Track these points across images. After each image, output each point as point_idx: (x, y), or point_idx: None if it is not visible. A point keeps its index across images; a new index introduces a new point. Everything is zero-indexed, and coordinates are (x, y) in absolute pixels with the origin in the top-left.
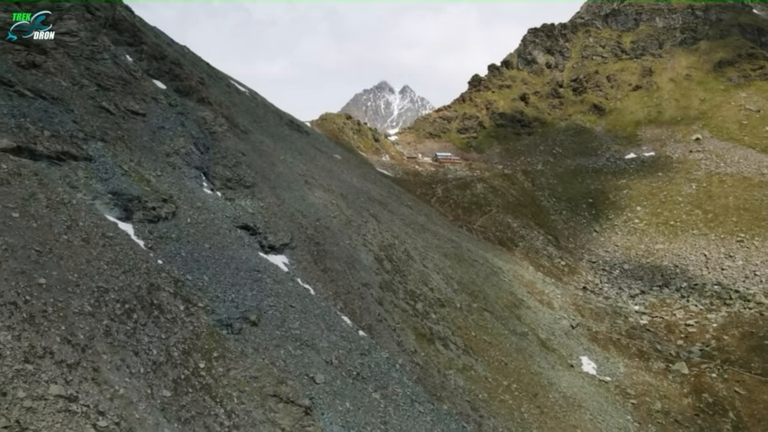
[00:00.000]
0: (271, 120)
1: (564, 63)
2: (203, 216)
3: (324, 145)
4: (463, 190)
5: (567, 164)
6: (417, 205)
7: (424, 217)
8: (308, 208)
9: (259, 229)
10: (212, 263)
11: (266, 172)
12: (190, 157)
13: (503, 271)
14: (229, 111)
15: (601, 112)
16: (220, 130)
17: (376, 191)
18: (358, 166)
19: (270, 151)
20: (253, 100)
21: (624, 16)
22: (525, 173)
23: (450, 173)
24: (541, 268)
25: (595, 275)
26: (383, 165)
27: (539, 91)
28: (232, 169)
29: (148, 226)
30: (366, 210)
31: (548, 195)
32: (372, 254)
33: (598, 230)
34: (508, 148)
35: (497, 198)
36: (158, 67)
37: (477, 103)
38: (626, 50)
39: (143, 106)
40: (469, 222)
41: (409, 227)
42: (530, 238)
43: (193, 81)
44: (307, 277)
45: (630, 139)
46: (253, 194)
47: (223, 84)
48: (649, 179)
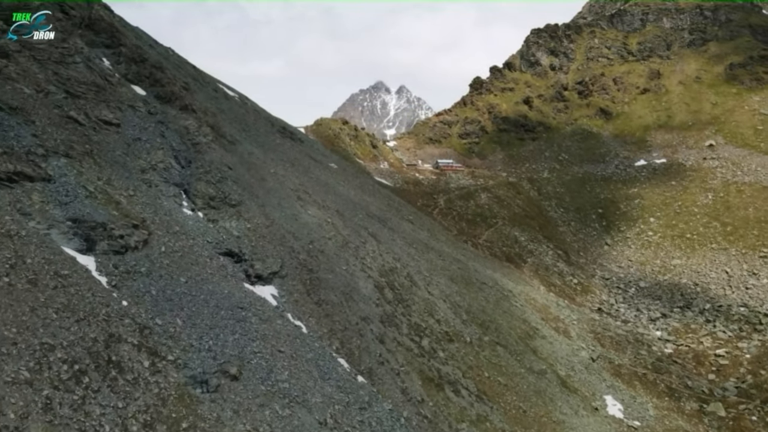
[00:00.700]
0: (261, 127)
1: (568, 65)
2: (181, 243)
3: (319, 154)
4: (467, 201)
5: (574, 171)
6: (418, 218)
7: (426, 233)
8: (301, 229)
9: (245, 256)
10: (188, 301)
11: (255, 188)
12: (168, 173)
13: (514, 294)
14: (215, 119)
15: (608, 116)
16: (205, 140)
17: (374, 205)
18: (355, 176)
19: (259, 164)
20: (242, 106)
21: (630, 17)
22: (530, 181)
23: (452, 182)
24: (552, 287)
25: (609, 294)
26: (382, 173)
27: (543, 94)
28: (217, 185)
29: (113, 259)
30: (364, 228)
31: (555, 205)
32: (372, 281)
33: (609, 243)
34: (511, 154)
35: (503, 209)
36: (137, 72)
37: (479, 107)
38: (633, 52)
39: (118, 115)
40: (474, 236)
41: (412, 247)
42: (539, 253)
43: (176, 86)
44: (299, 312)
45: (639, 144)
46: (239, 214)
47: (210, 88)
48: (661, 188)
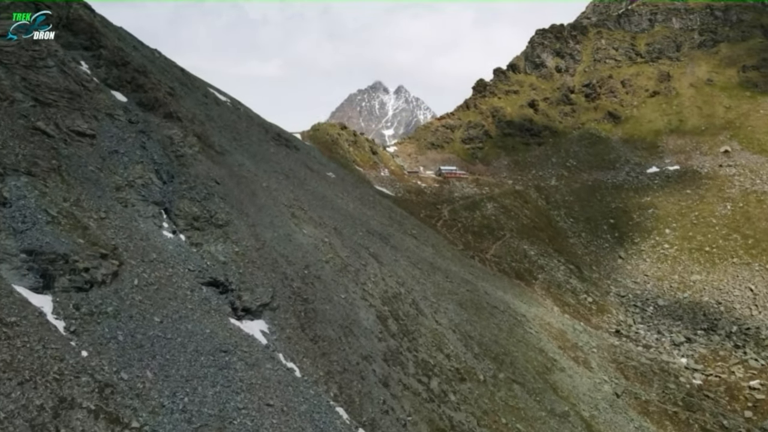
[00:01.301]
0: (254, 135)
1: (575, 67)
2: (157, 273)
3: (316, 162)
4: (472, 212)
5: (583, 179)
6: (422, 232)
7: (431, 250)
8: (295, 251)
9: (232, 285)
10: (162, 347)
11: (244, 205)
12: (148, 190)
13: (528, 319)
14: (202, 127)
15: (617, 120)
16: (190, 152)
17: (375, 219)
18: (354, 186)
19: (251, 177)
20: (234, 111)
21: (638, 17)
22: (538, 189)
23: (456, 190)
24: (566, 307)
25: (626, 313)
26: (382, 181)
27: (549, 97)
28: (202, 203)
29: (74, 298)
30: (365, 248)
31: (565, 215)
32: (374, 311)
33: (623, 257)
34: (516, 159)
35: (510, 220)
36: (118, 76)
37: (482, 110)
38: (641, 53)
39: (93, 125)
40: (481, 251)
41: (417, 267)
42: (550, 269)
43: (161, 92)
44: (292, 352)
45: (651, 150)
46: (226, 236)
47: (199, 93)
48: (676, 197)
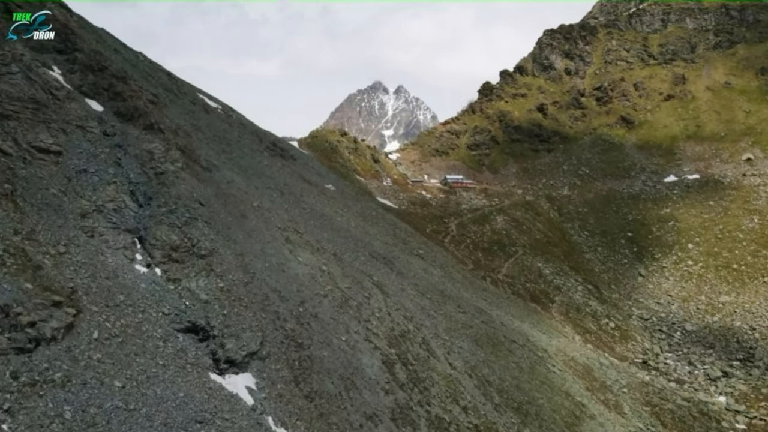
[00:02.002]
0: (247, 145)
1: (585, 69)
2: (124, 320)
3: (314, 173)
4: (481, 225)
5: (597, 188)
6: (429, 251)
7: (440, 272)
8: (289, 284)
9: (214, 330)
10: (121, 423)
11: (232, 230)
12: (120, 215)
13: (549, 354)
14: (188, 140)
15: (630, 124)
16: (172, 168)
17: (379, 239)
18: (355, 200)
19: (240, 196)
20: (226, 119)
21: (649, 17)
22: (549, 200)
23: (464, 202)
24: (587, 334)
25: (651, 340)
26: (385, 192)
27: (558, 101)
28: (183, 229)
29: (13, 363)
30: (368, 276)
31: (579, 228)
32: (379, 355)
33: (643, 274)
34: (525, 167)
35: (522, 235)
36: (94, 83)
37: (488, 115)
38: (654, 54)
39: (61, 140)
40: (493, 270)
41: (425, 297)
42: (567, 289)
43: (141, 100)
44: (284, 414)
45: (667, 157)
46: (209, 268)
47: (187, 100)
48: (698, 209)
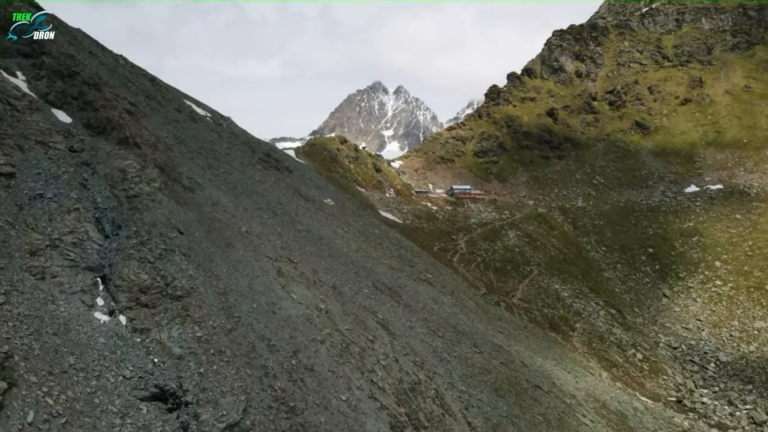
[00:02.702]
0: (237, 158)
1: (596, 71)
2: (71, 392)
3: (312, 187)
4: (492, 242)
5: (613, 199)
6: (438, 274)
7: (451, 300)
8: (280, 330)
9: (187, 395)
10: None
11: (215, 263)
12: (81, 250)
13: (578, 401)
14: (168, 154)
15: (645, 130)
16: (148, 189)
17: (383, 263)
18: (356, 216)
19: (227, 220)
20: (215, 129)
21: (663, 17)
22: (563, 212)
23: (472, 215)
24: (614, 369)
25: (683, 373)
26: (387, 205)
27: (569, 105)
28: (156, 264)
29: None
30: (372, 313)
31: (596, 243)
32: (386, 417)
33: (668, 295)
34: (536, 175)
35: (536, 252)
36: (63, 90)
37: (496, 120)
38: (668, 56)
39: (15, 159)
40: (507, 293)
41: (437, 335)
42: (588, 314)
43: (117, 110)
44: None
45: (687, 166)
46: (185, 313)
47: (171, 108)
48: (724, 222)
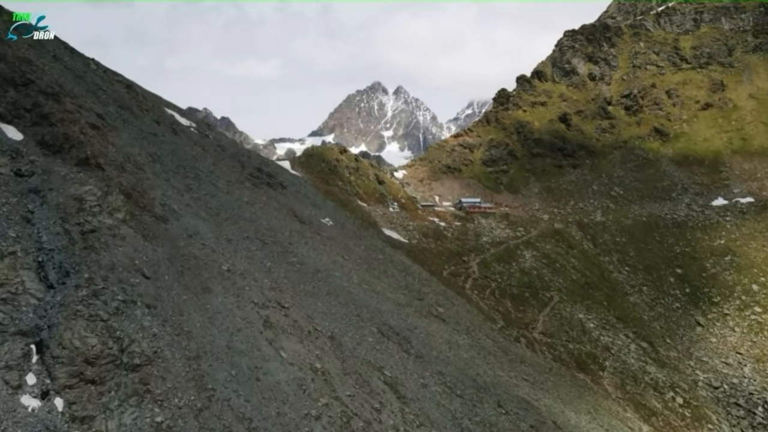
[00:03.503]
0: (224, 175)
1: (611, 74)
2: None
3: (308, 205)
4: (507, 264)
5: (635, 213)
6: (450, 306)
7: (467, 341)
8: (264, 406)
9: None
10: None
11: (186, 316)
12: (13, 307)
13: None
14: (138, 176)
15: (665, 137)
16: (110, 222)
17: (388, 298)
18: (357, 238)
19: (206, 255)
20: (200, 141)
21: (680, 16)
22: (581, 227)
23: (483, 232)
24: (654, 418)
25: (729, 419)
26: (391, 221)
27: (583, 110)
28: (109, 323)
29: None
30: (378, 371)
31: (618, 262)
32: None
33: (703, 323)
34: (549, 186)
35: (555, 275)
36: (15, 101)
37: (505, 126)
38: (687, 58)
39: None
40: (526, 325)
41: (455, 393)
42: (617, 349)
43: (78, 124)
44: None
45: (712, 176)
46: (143, 389)
47: (149, 119)
48: (759, 241)
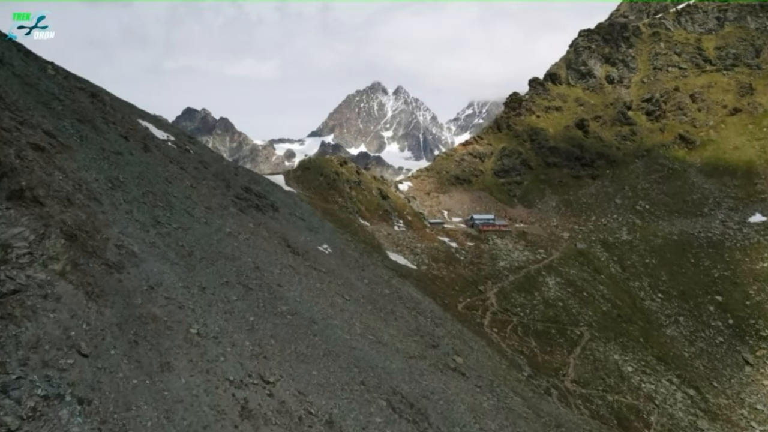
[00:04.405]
0: (203, 200)
1: (629, 76)
2: None
3: (303, 230)
4: (529, 294)
5: (664, 231)
6: (469, 352)
7: (493, 402)
8: None
9: None
10: None
11: (134, 411)
12: None
13: None
14: (89, 211)
15: (691, 144)
16: (41, 277)
17: (398, 353)
18: (360, 268)
19: (170, 315)
20: (178, 158)
21: (702, 15)
22: (606, 247)
23: (500, 254)
24: None
25: None
26: (397, 243)
27: (601, 116)
28: None
29: None
30: None
31: (650, 288)
32: None
33: (751, 362)
34: (567, 199)
35: (584, 306)
36: None
37: (518, 132)
38: (711, 59)
39: None
40: (556, 371)
41: None
42: (662, 398)
43: (15, 146)
44: None
45: (747, 189)
46: None
47: (115, 135)
48: None
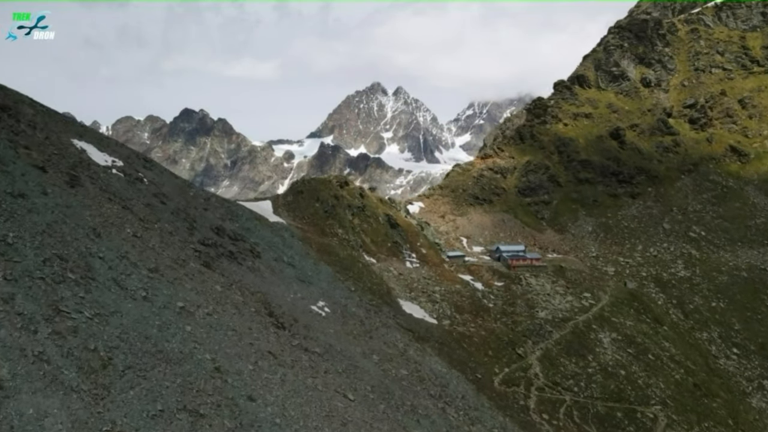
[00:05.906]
0: (148, 257)
1: (668, 78)
2: None
3: (291, 282)
4: (582, 358)
5: (728, 264)
6: None
7: None
8: None
9: None
10: None
11: None
12: None
13: None
14: None
15: (744, 157)
16: None
17: None
18: (366, 335)
19: None
20: (123, 191)
21: (745, 11)
22: (660, 285)
23: (537, 300)
24: None
25: None
26: (411, 287)
27: (638, 124)
28: None
29: None
30: None
31: (720, 340)
32: None
33: None
34: (606, 223)
35: (651, 374)
36: None
37: (543, 143)
38: (758, 59)
39: None
40: None
41: None
42: None
43: None
44: None
45: None
46: None
47: (25, 165)
48: None
